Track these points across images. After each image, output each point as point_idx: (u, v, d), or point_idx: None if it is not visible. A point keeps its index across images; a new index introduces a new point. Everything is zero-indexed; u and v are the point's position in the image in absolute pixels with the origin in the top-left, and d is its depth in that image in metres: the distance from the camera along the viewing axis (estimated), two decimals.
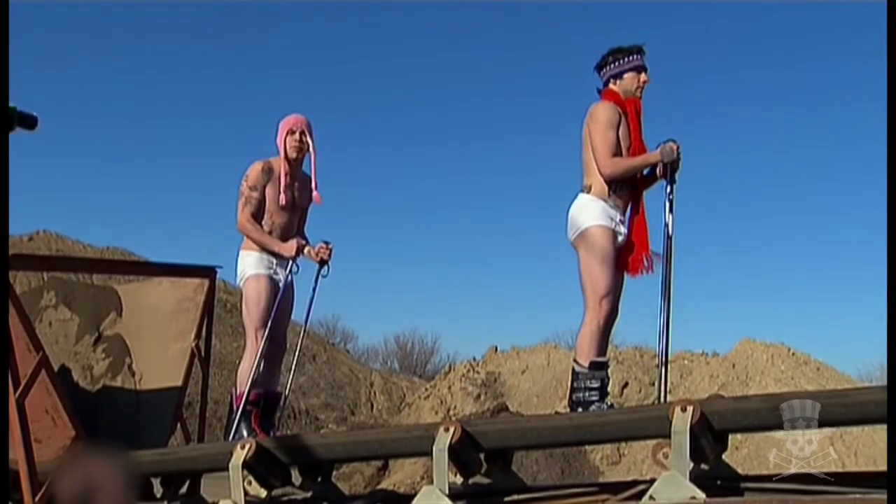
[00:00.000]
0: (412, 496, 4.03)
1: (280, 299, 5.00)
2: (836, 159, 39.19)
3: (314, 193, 5.11)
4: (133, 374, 5.96)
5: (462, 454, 4.02)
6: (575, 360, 4.34)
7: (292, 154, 5.01)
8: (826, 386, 13.85)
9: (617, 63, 4.42)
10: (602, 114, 4.34)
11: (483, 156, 42.60)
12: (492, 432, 4.16)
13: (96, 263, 11.50)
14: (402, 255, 42.31)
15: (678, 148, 4.33)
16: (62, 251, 17.78)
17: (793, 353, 15.84)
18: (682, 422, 3.59)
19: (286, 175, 5.02)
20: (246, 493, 4.35)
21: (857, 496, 3.36)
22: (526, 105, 42.78)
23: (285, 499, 4.57)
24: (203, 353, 5.80)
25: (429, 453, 3.97)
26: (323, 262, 5.16)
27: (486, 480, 4.23)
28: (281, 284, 5.01)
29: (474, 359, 19.31)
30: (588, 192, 4.41)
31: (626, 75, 4.41)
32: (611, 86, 4.44)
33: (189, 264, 5.90)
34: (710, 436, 3.73)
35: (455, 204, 42.03)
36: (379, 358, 27.26)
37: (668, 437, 3.60)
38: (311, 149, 5.08)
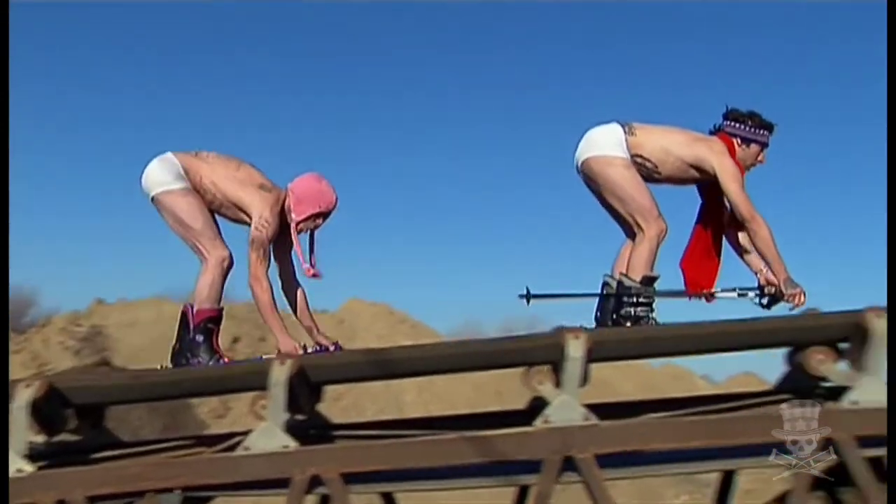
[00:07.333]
0: None
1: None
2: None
3: (305, 266, 4.35)
4: None
5: (46, 410, 3.78)
6: (623, 274, 4.25)
7: (305, 230, 4.37)
8: (420, 341, 15.15)
9: (753, 130, 4.37)
10: (735, 172, 4.26)
11: None
12: (81, 388, 3.98)
13: None
14: None
15: (799, 299, 4.25)
16: None
17: (392, 313, 17.06)
18: (280, 374, 3.71)
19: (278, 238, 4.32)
20: None
21: (428, 438, 3.78)
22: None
23: None
24: None
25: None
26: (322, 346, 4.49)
27: (74, 437, 4.06)
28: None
29: (77, 311, 18.05)
30: (631, 134, 4.31)
31: (753, 145, 4.37)
32: (735, 143, 4.36)
33: None
34: (306, 388, 3.90)
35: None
36: None
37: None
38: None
